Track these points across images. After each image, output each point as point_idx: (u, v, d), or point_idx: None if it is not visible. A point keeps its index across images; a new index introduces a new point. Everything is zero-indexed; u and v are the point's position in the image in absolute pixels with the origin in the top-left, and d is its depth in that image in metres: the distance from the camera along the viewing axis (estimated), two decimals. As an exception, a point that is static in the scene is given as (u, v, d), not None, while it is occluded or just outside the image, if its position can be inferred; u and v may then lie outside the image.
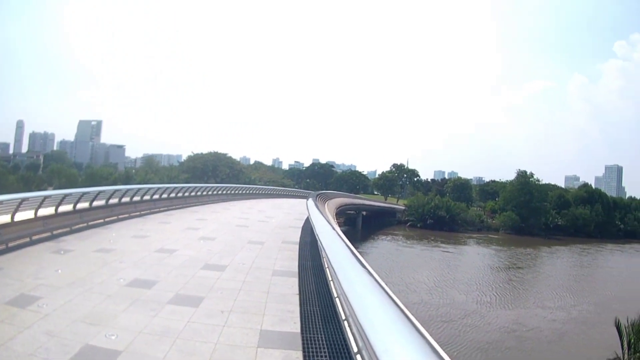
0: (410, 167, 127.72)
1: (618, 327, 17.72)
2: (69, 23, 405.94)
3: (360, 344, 3.68)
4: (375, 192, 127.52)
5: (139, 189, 20.40)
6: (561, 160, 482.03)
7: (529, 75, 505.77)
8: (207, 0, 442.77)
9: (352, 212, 65.96)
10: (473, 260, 53.95)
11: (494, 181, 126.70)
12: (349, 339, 4.39)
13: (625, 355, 17.81)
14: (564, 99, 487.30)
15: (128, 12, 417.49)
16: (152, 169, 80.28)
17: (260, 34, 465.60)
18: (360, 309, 3.63)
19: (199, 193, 29.31)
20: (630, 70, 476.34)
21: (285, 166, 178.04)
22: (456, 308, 28.09)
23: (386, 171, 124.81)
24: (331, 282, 7.15)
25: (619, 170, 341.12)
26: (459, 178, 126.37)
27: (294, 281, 8.88)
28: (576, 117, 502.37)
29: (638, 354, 17.50)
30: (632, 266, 64.93)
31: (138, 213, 19.56)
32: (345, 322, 4.92)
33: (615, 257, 72.10)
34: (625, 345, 17.87)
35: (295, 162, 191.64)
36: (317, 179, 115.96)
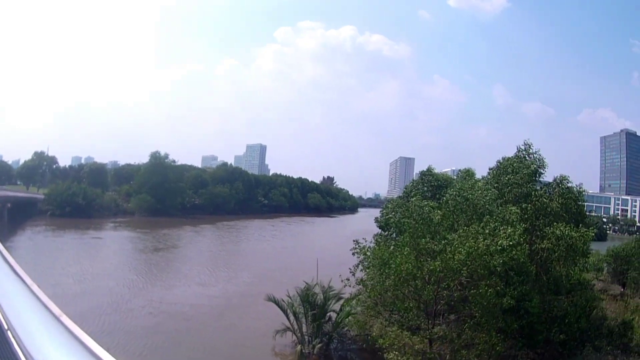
0: (51, 154, 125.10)
1: (276, 302, 20.69)
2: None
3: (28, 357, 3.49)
4: (19, 182, 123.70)
5: None
6: (203, 141, 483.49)
7: (181, 60, 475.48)
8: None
9: (-2, 205, 62.04)
10: (133, 244, 55.13)
11: (129, 164, 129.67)
12: (17, 352, 4.06)
13: (295, 325, 20.25)
14: (210, 82, 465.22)
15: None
16: None
17: None
18: (14, 318, 3.72)
19: None
20: (289, 55, 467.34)
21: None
22: (138, 296, 28.82)
23: (28, 160, 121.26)
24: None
25: (262, 148, 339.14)
26: (95, 163, 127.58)
27: None
28: (220, 99, 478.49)
29: (316, 323, 19.69)
30: (286, 237, 74.23)
31: None
32: (9, 332, 4.56)
33: (266, 232, 79.40)
34: (292, 317, 20.28)
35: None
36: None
